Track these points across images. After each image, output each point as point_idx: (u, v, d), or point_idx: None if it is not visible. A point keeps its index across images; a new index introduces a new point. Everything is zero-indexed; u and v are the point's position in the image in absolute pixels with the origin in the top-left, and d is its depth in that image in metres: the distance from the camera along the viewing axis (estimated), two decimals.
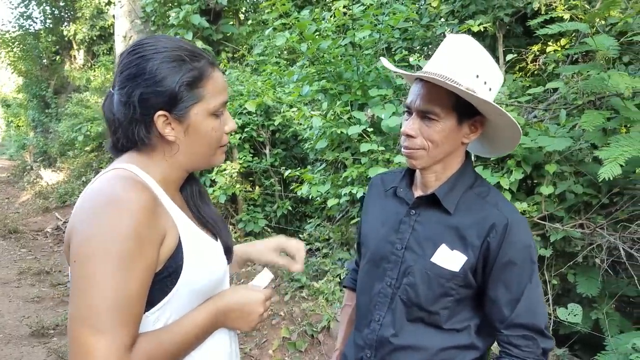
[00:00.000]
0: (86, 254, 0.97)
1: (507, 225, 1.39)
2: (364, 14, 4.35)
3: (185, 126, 1.14)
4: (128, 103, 1.10)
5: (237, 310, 1.20)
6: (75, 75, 13.42)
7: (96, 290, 0.95)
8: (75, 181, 10.81)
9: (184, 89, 1.12)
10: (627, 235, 2.80)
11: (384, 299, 1.51)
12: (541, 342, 1.40)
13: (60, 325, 4.74)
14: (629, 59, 3.46)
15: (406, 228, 1.51)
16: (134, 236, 0.98)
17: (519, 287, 1.40)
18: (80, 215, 1.03)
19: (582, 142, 3.01)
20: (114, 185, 1.04)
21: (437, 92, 1.38)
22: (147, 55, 1.11)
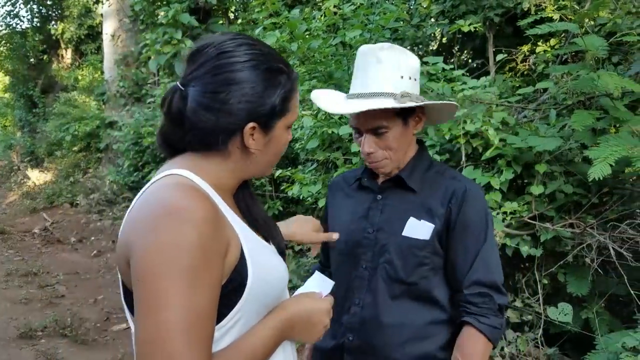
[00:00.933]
0: (151, 271, 0.89)
1: (465, 191, 1.55)
2: (355, 14, 4.34)
3: (268, 139, 1.10)
4: (221, 109, 1.02)
5: (303, 321, 1.13)
6: (63, 74, 13.32)
7: (166, 310, 0.87)
8: (63, 181, 10.73)
9: (280, 102, 1.08)
10: (617, 235, 2.82)
11: (362, 281, 1.61)
12: (497, 299, 1.52)
13: (48, 327, 4.70)
14: (618, 59, 3.48)
15: (375, 212, 1.63)
16: (199, 249, 0.90)
17: (475, 246, 1.54)
18: (138, 228, 0.94)
19: (571, 142, 3.02)
20: (172, 193, 0.96)
21: (376, 109, 1.49)
22: (247, 60, 1.04)
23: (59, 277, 6.41)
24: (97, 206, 9.17)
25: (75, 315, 5.01)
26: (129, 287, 0.98)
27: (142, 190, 1.05)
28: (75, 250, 7.79)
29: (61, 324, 4.75)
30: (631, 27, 3.02)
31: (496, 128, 3.11)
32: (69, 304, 5.54)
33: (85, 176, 10.66)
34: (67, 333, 4.65)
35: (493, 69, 4.53)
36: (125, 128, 7.90)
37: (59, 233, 8.51)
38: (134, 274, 0.92)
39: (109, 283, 6.31)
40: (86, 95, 11.65)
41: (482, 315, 1.50)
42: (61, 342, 4.53)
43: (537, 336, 2.96)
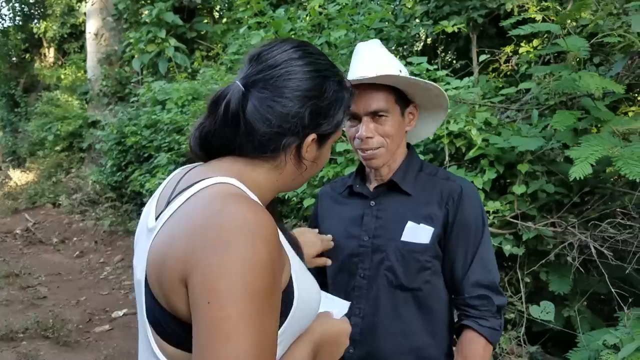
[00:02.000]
0: (223, 292, 0.80)
1: (461, 192, 1.55)
2: (339, 14, 4.35)
3: (320, 152, 1.07)
4: (288, 115, 0.98)
5: (330, 344, 1.10)
6: (46, 73, 13.17)
7: (238, 335, 0.79)
8: (45, 182, 10.60)
9: (342, 117, 1.06)
10: (598, 234, 2.85)
11: (361, 291, 1.56)
12: (496, 300, 1.52)
13: (29, 329, 4.64)
14: (600, 60, 3.52)
15: (369, 219, 1.60)
16: (271, 269, 0.84)
17: (473, 246, 1.53)
18: (199, 242, 0.84)
19: (553, 142, 3.05)
20: (238, 206, 0.87)
21: (378, 91, 1.52)
22: (320, 70, 1.02)
23: (40, 278, 6.33)
24: (80, 206, 9.08)
25: (57, 317, 4.95)
26: (169, 308, 0.89)
27: (179, 196, 0.95)
28: (58, 251, 7.70)
29: (43, 326, 4.69)
30: (612, 28, 3.05)
31: (479, 128, 3.13)
32: (51, 305, 5.47)
33: (67, 176, 10.54)
34: (49, 335, 4.59)
35: (476, 70, 4.56)
36: (108, 127, 7.83)
37: (41, 234, 8.41)
38: (200, 296, 0.81)
39: (91, 284, 6.25)
40: (69, 95, 11.54)
41: (482, 318, 1.50)
42: (43, 343, 4.48)
43: (520, 334, 2.98)
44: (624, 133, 2.61)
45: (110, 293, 5.90)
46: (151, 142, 6.53)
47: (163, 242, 0.91)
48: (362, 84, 1.51)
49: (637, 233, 2.79)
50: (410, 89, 1.56)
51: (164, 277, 0.88)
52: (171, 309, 0.89)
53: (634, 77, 3.21)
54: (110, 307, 5.40)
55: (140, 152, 7.03)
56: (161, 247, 0.91)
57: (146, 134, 6.62)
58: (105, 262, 7.03)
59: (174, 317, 0.89)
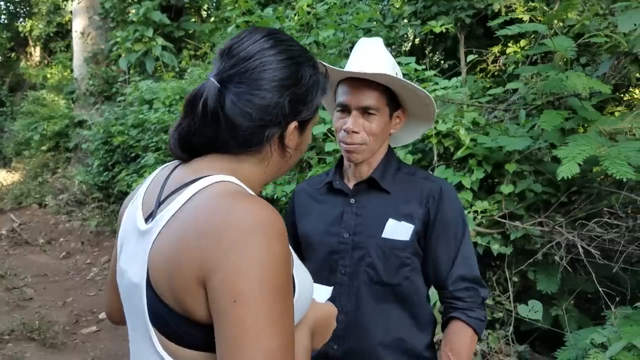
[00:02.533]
0: (248, 291, 0.81)
1: (441, 191, 1.58)
2: (328, 13, 4.34)
3: (301, 139, 1.08)
4: (269, 107, 0.98)
5: (322, 327, 1.12)
6: (32, 72, 13.06)
7: (267, 332, 0.80)
8: (31, 182, 10.49)
9: (320, 101, 1.06)
10: (585, 233, 2.87)
11: (342, 288, 1.58)
12: (481, 292, 1.57)
13: (15, 331, 4.59)
14: (586, 60, 3.55)
15: (349, 216, 1.62)
16: (287, 265, 0.86)
17: (455, 242, 1.58)
18: (215, 243, 0.84)
19: (541, 142, 3.06)
20: (248, 204, 0.88)
21: (372, 88, 1.54)
22: (290, 57, 1.01)
23: (26, 280, 6.26)
24: (66, 207, 8.99)
25: (43, 318, 4.89)
26: (179, 309, 0.89)
27: (179, 195, 0.94)
28: (44, 251, 7.62)
29: (29, 328, 4.63)
30: (599, 28, 3.07)
31: (467, 128, 3.14)
32: (37, 306, 5.41)
33: (54, 176, 10.44)
34: (35, 337, 4.54)
35: (464, 70, 4.58)
36: (94, 127, 7.76)
37: (27, 234, 8.31)
38: (224, 297, 0.82)
39: (78, 285, 6.19)
40: (55, 94, 11.43)
41: (469, 310, 1.54)
42: (29, 345, 4.43)
43: (508, 333, 2.99)
44: (611, 133, 2.63)
45: (97, 294, 5.85)
46: (138, 142, 6.48)
47: (170, 245, 0.89)
48: (359, 79, 1.53)
49: (624, 232, 2.81)
50: (403, 93, 1.58)
51: (176, 280, 0.87)
52: (184, 311, 0.88)
53: (620, 77, 3.23)
54: (97, 309, 5.35)
55: (127, 152, 6.97)
56: (169, 249, 0.89)
57: (133, 134, 6.57)
58: (92, 263, 6.97)
59: (186, 319, 0.88)
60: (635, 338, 2.20)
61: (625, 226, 2.83)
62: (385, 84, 1.54)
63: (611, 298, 2.65)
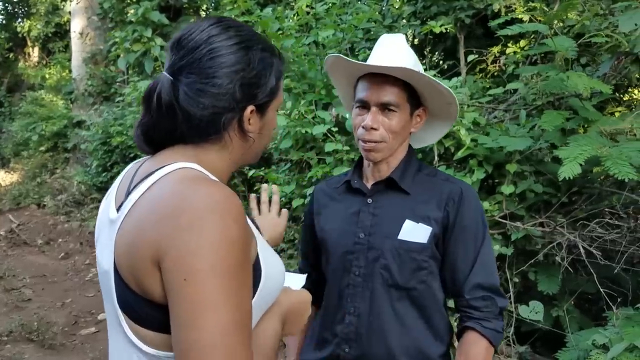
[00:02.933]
0: (200, 270, 0.82)
1: (461, 193, 1.52)
2: (327, 13, 4.33)
3: (263, 122, 1.07)
4: (220, 94, 0.98)
5: (294, 313, 1.13)
6: (30, 73, 13.02)
7: (220, 309, 0.82)
8: (30, 182, 10.46)
9: (275, 83, 1.06)
10: (586, 234, 2.86)
11: (355, 289, 1.54)
12: (499, 302, 1.50)
13: (13, 332, 4.57)
14: (587, 60, 3.54)
15: (366, 216, 1.57)
16: (243, 245, 0.87)
17: (474, 248, 1.51)
18: (172, 224, 0.85)
19: (541, 142, 3.06)
20: (207, 188, 0.90)
21: (393, 84, 1.49)
22: (238, 42, 1.01)
23: (25, 280, 6.24)
24: (65, 207, 8.97)
25: (42, 319, 4.87)
26: (140, 291, 0.91)
27: (140, 185, 0.96)
28: (43, 252, 7.60)
29: (27, 329, 4.62)
30: (599, 28, 3.07)
31: (468, 128, 3.13)
32: (35, 307, 5.39)
33: (52, 177, 10.41)
34: (33, 338, 4.52)
35: (464, 70, 4.57)
36: (93, 127, 7.75)
37: (25, 235, 8.29)
38: (175, 274, 0.84)
39: (76, 286, 6.17)
40: (53, 94, 11.39)
41: (485, 320, 1.47)
42: (27, 347, 4.41)
43: (509, 334, 2.98)
44: (612, 133, 2.62)
45: (96, 295, 5.83)
46: None
47: (131, 229, 0.92)
48: (379, 75, 1.48)
49: (625, 233, 2.80)
50: (424, 90, 1.53)
51: (136, 263, 0.89)
52: (145, 294, 0.90)
53: (620, 77, 3.23)
54: (96, 310, 5.33)
55: (126, 153, 6.96)
56: (129, 234, 0.92)
57: (132, 134, 6.55)
58: (91, 264, 6.95)
59: (149, 302, 0.90)
60: (637, 339, 2.20)
61: (626, 226, 2.83)
62: (406, 79, 1.49)
63: (612, 299, 2.64)
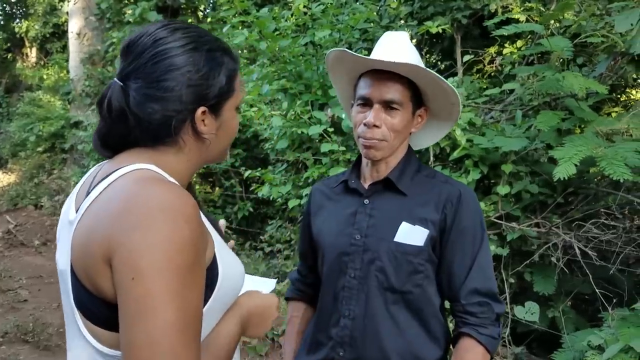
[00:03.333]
0: (147, 269, 0.83)
1: (460, 196, 1.48)
2: (324, 14, 4.32)
3: (219, 123, 1.06)
4: (167, 98, 0.98)
5: (257, 316, 1.13)
6: (28, 73, 13.00)
7: (164, 309, 0.83)
8: (27, 183, 10.44)
9: (226, 82, 1.04)
10: (582, 234, 2.86)
11: (351, 292, 1.50)
12: (495, 307, 1.45)
13: (9, 333, 4.55)
14: (583, 60, 3.54)
15: (362, 217, 1.53)
16: (193, 246, 0.87)
17: (472, 252, 1.47)
18: (122, 224, 0.87)
19: (537, 143, 3.05)
20: (158, 188, 0.91)
21: (396, 82, 1.45)
22: (187, 44, 1.01)
23: (21, 281, 6.22)
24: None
25: (37, 320, 4.86)
26: (94, 290, 0.92)
27: (97, 186, 0.97)
28: (40, 253, 7.58)
29: (23, 330, 4.60)
30: (595, 28, 3.06)
31: (463, 129, 3.12)
32: (31, 308, 5.37)
33: (49, 177, 10.39)
34: (28, 339, 4.51)
35: (460, 70, 4.56)
36: (90, 128, 7.74)
37: (22, 236, 8.27)
38: (124, 274, 0.85)
39: None
40: (51, 95, 11.38)
41: (480, 326, 1.43)
42: (22, 348, 4.39)
43: (505, 335, 2.98)
44: (607, 133, 2.62)
45: None
46: None
47: (85, 229, 0.93)
48: (382, 72, 1.45)
49: (621, 233, 2.80)
50: (428, 89, 1.49)
51: (89, 262, 0.90)
52: (99, 293, 0.91)
53: (617, 77, 3.22)
54: None
55: None
56: (84, 234, 0.93)
57: None
58: None
59: (103, 301, 0.90)
60: (633, 340, 2.19)
61: (622, 227, 2.83)
62: (411, 76, 1.45)
63: (608, 299, 2.64)
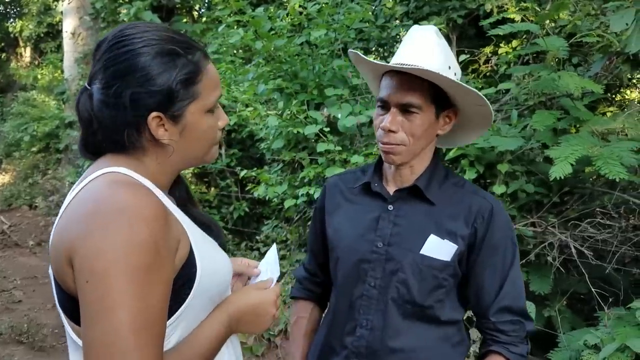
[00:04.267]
0: (101, 271, 0.85)
1: (492, 210, 1.41)
2: (320, 13, 4.32)
3: (182, 127, 1.03)
4: (117, 104, 0.97)
5: (250, 313, 1.12)
6: (22, 73, 12.97)
7: (117, 311, 0.84)
8: (22, 183, 10.40)
9: (181, 86, 1.01)
10: (578, 234, 2.86)
11: (369, 301, 1.44)
12: (527, 326, 1.42)
13: (3, 334, 4.54)
14: (578, 60, 3.54)
15: (386, 224, 1.45)
16: (151, 247, 0.88)
17: (503, 269, 1.41)
18: (84, 226, 0.89)
19: (533, 142, 3.05)
20: (118, 190, 0.92)
21: (415, 83, 1.36)
22: (136, 48, 0.98)
23: (16, 282, 6.20)
24: (57, 208, 8.90)
25: (32, 321, 4.84)
26: (68, 291, 0.94)
27: (76, 188, 0.99)
28: (34, 254, 7.55)
29: (17, 330, 4.58)
30: (591, 28, 3.07)
31: None
32: (26, 309, 5.35)
33: (44, 177, 10.35)
34: (23, 340, 4.49)
35: None
36: None
37: (17, 236, 8.24)
38: (80, 275, 0.87)
39: None
40: (45, 95, 11.35)
41: (511, 344, 1.39)
42: (17, 349, 4.38)
43: None
44: (603, 133, 2.63)
45: None
46: None
47: (58, 231, 0.97)
48: (402, 72, 1.37)
49: (617, 233, 2.81)
50: (450, 90, 1.39)
51: (59, 263, 0.94)
52: (70, 292, 0.94)
53: (612, 77, 3.23)
54: None
55: None
56: (56, 236, 0.97)
57: None
58: None
59: (75, 300, 0.92)
60: (629, 339, 2.20)
61: (617, 226, 2.83)
62: (431, 79, 1.36)
63: (604, 299, 2.64)
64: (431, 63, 1.35)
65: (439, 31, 1.44)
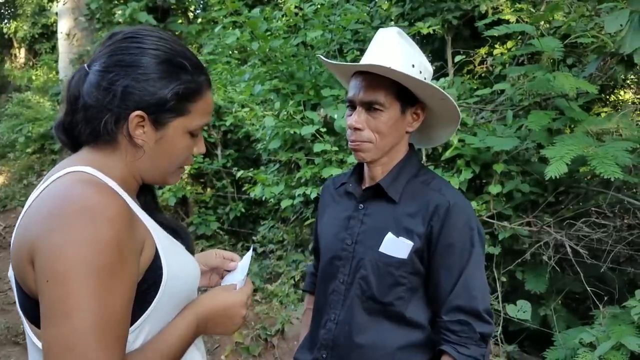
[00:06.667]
0: (62, 271, 0.83)
1: (448, 208, 1.41)
2: (316, 14, 4.33)
3: (160, 135, 1.04)
4: (108, 89, 0.98)
5: (219, 315, 1.12)
6: (16, 74, 12.89)
7: (78, 312, 0.83)
8: (16, 184, 10.35)
9: (174, 98, 1.02)
10: (573, 233, 2.88)
11: (338, 296, 1.51)
12: (477, 327, 1.38)
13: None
14: (573, 61, 3.57)
15: (355, 223, 1.51)
16: (114, 247, 0.87)
17: (459, 268, 1.40)
18: (45, 226, 0.88)
19: (528, 142, 3.07)
20: (82, 190, 0.91)
21: (379, 82, 1.41)
22: (147, 48, 1.01)
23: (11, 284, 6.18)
24: None
25: None
26: (29, 292, 0.93)
27: (39, 188, 0.98)
28: None
29: (13, 331, 4.56)
30: (585, 29, 3.09)
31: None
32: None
33: (39, 179, 10.31)
34: (19, 341, 4.47)
35: (451, 71, 4.58)
36: None
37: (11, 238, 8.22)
38: (40, 276, 0.86)
39: None
40: (40, 96, 11.31)
41: (461, 345, 1.37)
42: (13, 350, 4.36)
43: (497, 333, 2.99)
44: (598, 133, 2.64)
45: None
46: None
47: (19, 232, 0.95)
48: (366, 73, 1.43)
49: (612, 232, 2.83)
50: (411, 85, 1.42)
51: (20, 264, 0.92)
52: (32, 294, 0.92)
53: (606, 77, 3.25)
54: None
55: None
56: (17, 236, 0.95)
57: None
58: None
59: (36, 302, 0.90)
60: (624, 337, 2.21)
61: (612, 226, 2.85)
62: (392, 77, 1.39)
63: (599, 297, 2.66)
64: (393, 62, 1.40)
65: (402, 32, 1.48)
